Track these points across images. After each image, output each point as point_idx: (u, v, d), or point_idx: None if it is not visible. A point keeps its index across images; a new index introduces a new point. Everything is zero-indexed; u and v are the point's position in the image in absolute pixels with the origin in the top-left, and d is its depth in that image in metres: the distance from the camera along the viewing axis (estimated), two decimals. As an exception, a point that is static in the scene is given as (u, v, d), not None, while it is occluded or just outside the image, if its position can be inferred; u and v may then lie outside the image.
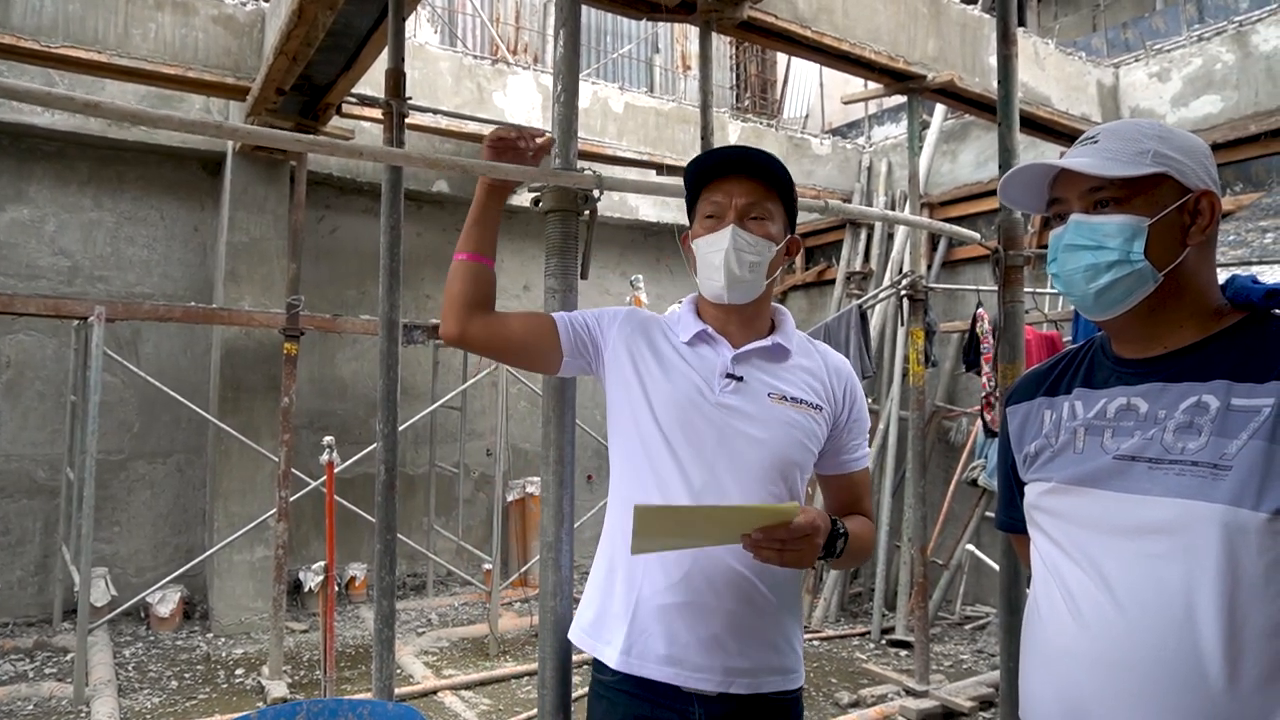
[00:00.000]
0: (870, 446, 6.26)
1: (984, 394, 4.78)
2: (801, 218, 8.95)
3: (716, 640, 1.41)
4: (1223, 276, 1.14)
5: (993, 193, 6.18)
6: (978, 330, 4.86)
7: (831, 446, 1.53)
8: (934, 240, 6.49)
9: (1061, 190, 1.15)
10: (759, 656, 1.43)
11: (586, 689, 1.58)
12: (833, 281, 7.29)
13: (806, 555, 1.29)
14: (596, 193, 1.77)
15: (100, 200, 5.74)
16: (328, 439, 3.76)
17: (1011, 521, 1.31)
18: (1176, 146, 1.09)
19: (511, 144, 1.59)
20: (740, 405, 1.45)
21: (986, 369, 4.76)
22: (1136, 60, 5.79)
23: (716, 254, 1.46)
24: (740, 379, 1.47)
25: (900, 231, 6.59)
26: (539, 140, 1.61)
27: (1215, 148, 4.77)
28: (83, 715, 4.04)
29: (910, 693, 4.44)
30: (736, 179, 1.49)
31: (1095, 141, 1.12)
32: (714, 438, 1.43)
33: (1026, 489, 1.22)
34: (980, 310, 4.89)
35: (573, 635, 1.59)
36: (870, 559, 1.38)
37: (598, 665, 1.51)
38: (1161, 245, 1.07)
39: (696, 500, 1.41)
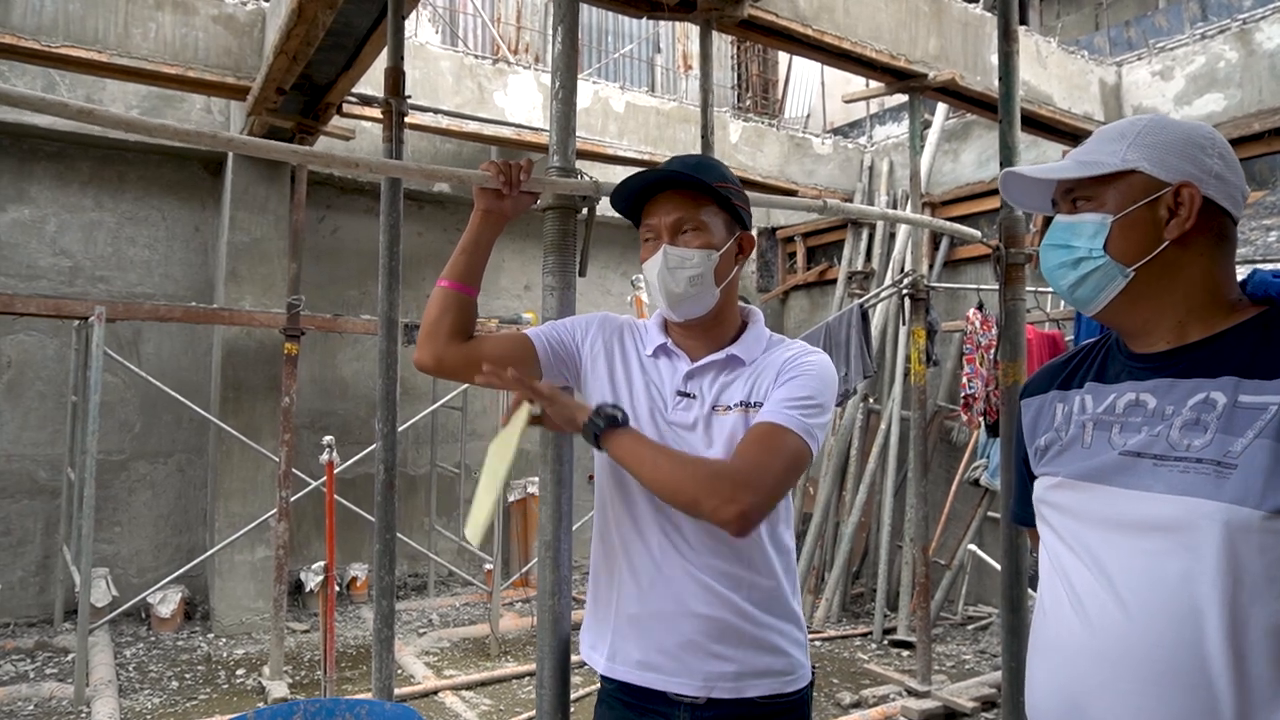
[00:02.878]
0: (871, 446, 6.26)
1: (964, 394, 4.76)
2: (802, 217, 8.82)
3: (692, 645, 1.41)
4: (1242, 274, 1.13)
5: (995, 192, 6.16)
6: (966, 330, 4.84)
7: None
8: (936, 239, 6.47)
9: (1055, 194, 1.19)
10: (743, 660, 1.41)
11: (586, 689, 1.59)
12: (834, 281, 7.28)
13: (560, 403, 1.36)
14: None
15: (101, 200, 5.74)
16: (328, 439, 3.76)
17: (1024, 514, 1.30)
18: (1156, 141, 1.09)
19: (498, 191, 1.56)
20: (688, 422, 1.46)
21: (966, 369, 4.74)
22: (1139, 59, 5.77)
23: (654, 275, 1.47)
24: (691, 396, 1.47)
25: (902, 231, 6.57)
26: (523, 175, 1.56)
27: (1218, 146, 4.74)
28: (83, 715, 4.04)
29: (912, 693, 4.42)
30: (665, 197, 1.48)
31: (1082, 144, 1.17)
32: None
33: (1036, 483, 1.21)
34: (971, 311, 4.85)
35: (578, 644, 1.62)
36: (685, 496, 1.23)
37: (600, 673, 1.54)
38: (1128, 240, 1.08)
39: (660, 511, 1.43)
